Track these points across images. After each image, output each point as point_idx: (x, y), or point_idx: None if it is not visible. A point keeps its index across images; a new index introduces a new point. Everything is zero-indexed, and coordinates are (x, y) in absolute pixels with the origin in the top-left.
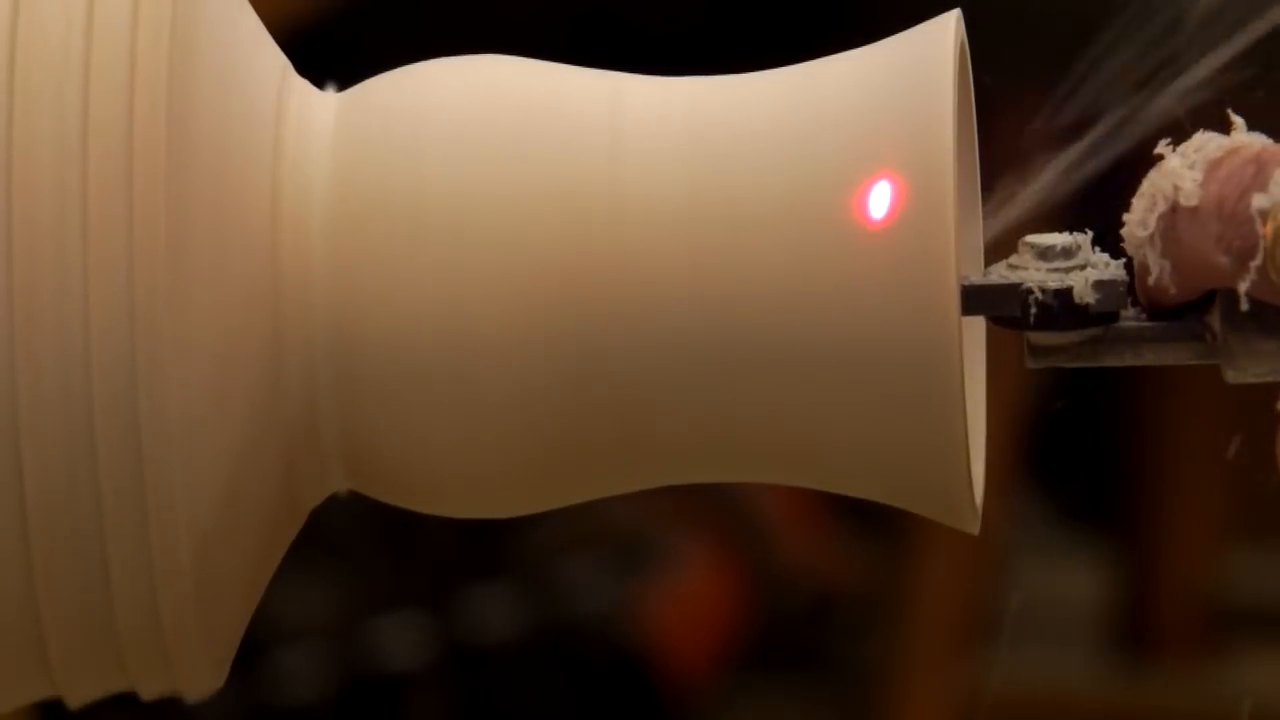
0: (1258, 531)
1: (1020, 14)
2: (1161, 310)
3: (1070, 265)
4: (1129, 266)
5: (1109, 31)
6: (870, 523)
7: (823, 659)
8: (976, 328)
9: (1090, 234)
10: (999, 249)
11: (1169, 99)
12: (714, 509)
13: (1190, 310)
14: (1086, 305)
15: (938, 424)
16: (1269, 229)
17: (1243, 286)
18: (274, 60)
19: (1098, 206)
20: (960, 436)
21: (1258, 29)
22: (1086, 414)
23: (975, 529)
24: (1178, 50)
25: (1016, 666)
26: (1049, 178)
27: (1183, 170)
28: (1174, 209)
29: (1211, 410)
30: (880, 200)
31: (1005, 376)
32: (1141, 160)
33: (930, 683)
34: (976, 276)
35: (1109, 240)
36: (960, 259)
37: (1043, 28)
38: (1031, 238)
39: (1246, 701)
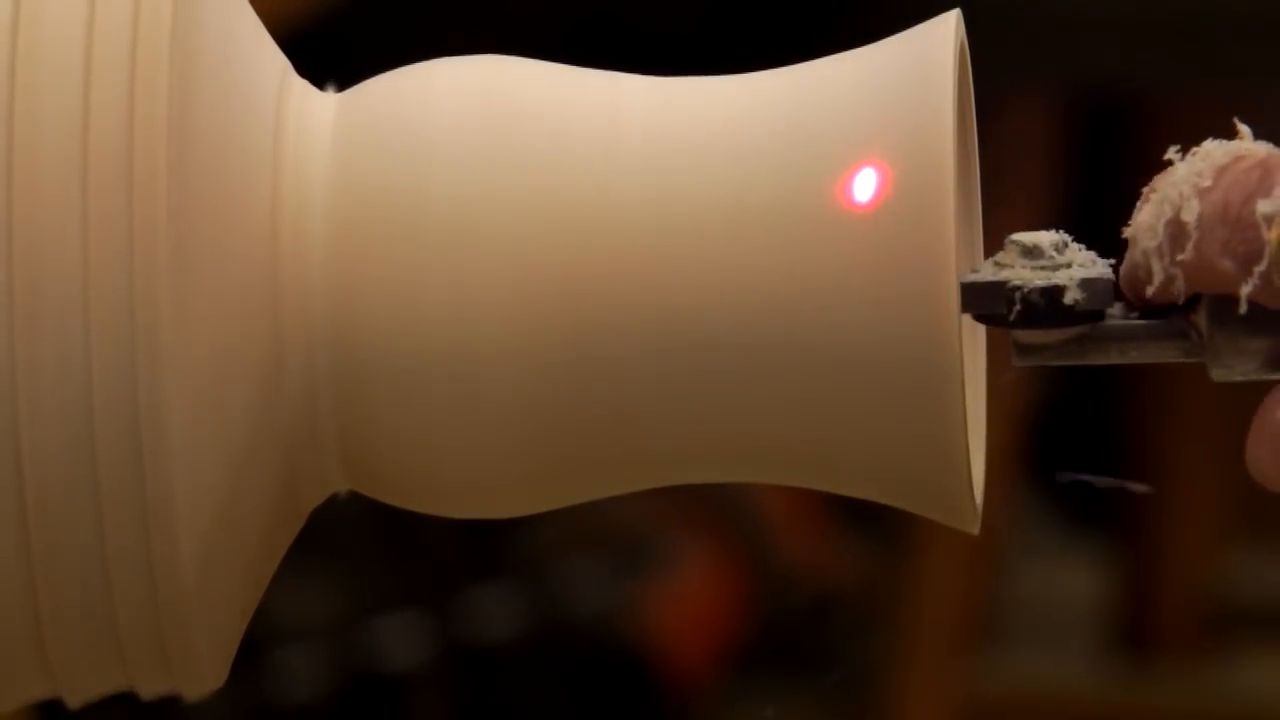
0: (1258, 531)
1: (1020, 14)
2: (1148, 309)
3: (1056, 263)
4: (1115, 265)
5: None
6: (870, 523)
7: (823, 659)
8: (976, 326)
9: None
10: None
11: None
12: (714, 509)
13: (1176, 309)
14: (1072, 303)
15: (937, 423)
16: (1274, 234)
17: (1244, 290)
18: (274, 60)
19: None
20: (960, 436)
21: None
22: (1086, 414)
23: (975, 529)
24: None
25: (1016, 666)
26: None
27: (1190, 177)
28: (1179, 217)
29: (1211, 411)
30: (866, 185)
31: (1005, 376)
32: None
33: (930, 683)
34: (964, 274)
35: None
36: (960, 257)
37: (1043, 28)
38: (1017, 236)
39: None
